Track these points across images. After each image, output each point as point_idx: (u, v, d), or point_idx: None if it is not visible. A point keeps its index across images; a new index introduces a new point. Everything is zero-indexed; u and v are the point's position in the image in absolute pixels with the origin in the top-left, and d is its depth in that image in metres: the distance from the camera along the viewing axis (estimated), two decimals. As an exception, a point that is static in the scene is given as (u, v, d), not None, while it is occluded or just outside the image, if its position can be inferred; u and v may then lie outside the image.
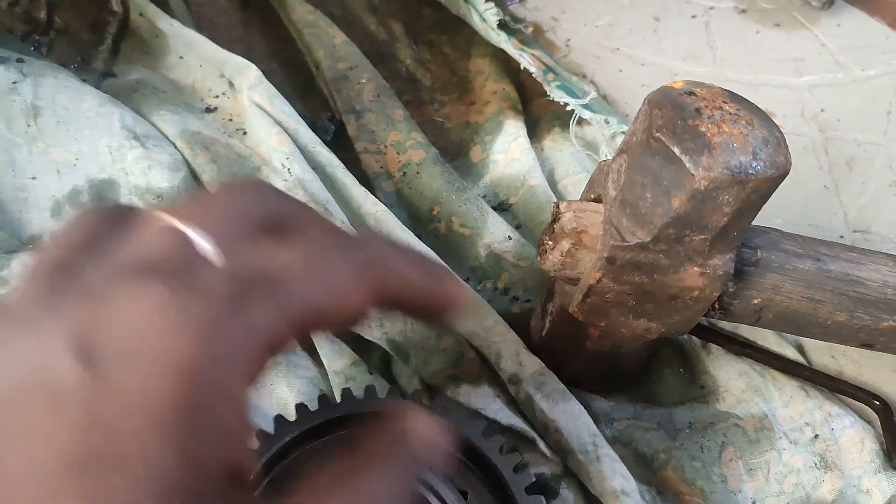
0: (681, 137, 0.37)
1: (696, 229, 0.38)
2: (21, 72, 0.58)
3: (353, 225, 0.53)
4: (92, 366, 0.20)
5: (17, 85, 0.57)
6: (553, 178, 0.62)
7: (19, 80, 0.57)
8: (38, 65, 0.59)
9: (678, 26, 0.80)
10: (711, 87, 0.40)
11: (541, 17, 0.79)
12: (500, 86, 0.68)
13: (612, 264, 0.40)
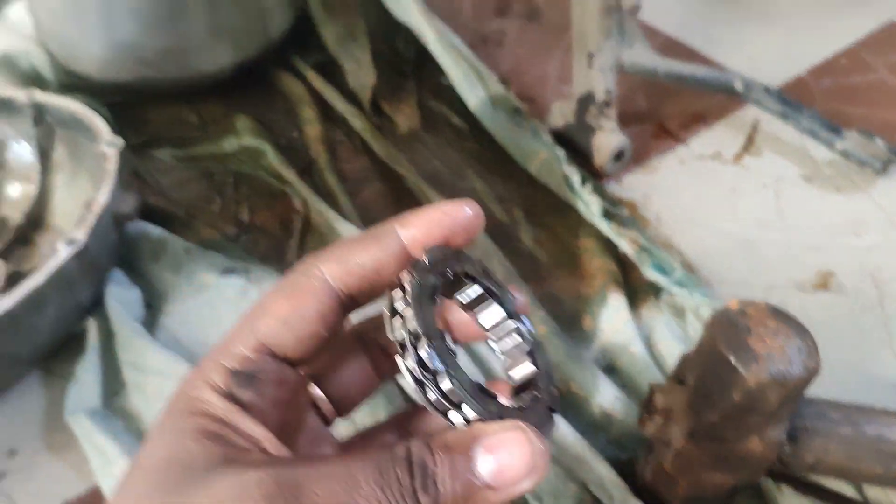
0: (736, 351, 0.52)
1: (752, 413, 0.54)
2: (248, 279, 0.79)
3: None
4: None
5: (246, 290, 0.78)
6: (650, 341, 0.78)
7: (247, 286, 0.78)
8: (259, 272, 0.81)
9: (751, 196, 0.95)
10: (759, 306, 0.56)
11: (634, 194, 0.96)
12: (604, 262, 0.85)
13: (693, 436, 0.56)
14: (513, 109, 0.99)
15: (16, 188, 0.89)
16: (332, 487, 0.26)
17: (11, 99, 0.86)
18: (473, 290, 0.36)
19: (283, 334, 0.32)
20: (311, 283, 0.33)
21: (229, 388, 0.32)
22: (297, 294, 0.33)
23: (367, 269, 0.33)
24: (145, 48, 0.98)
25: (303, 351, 0.33)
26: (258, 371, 0.32)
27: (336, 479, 0.26)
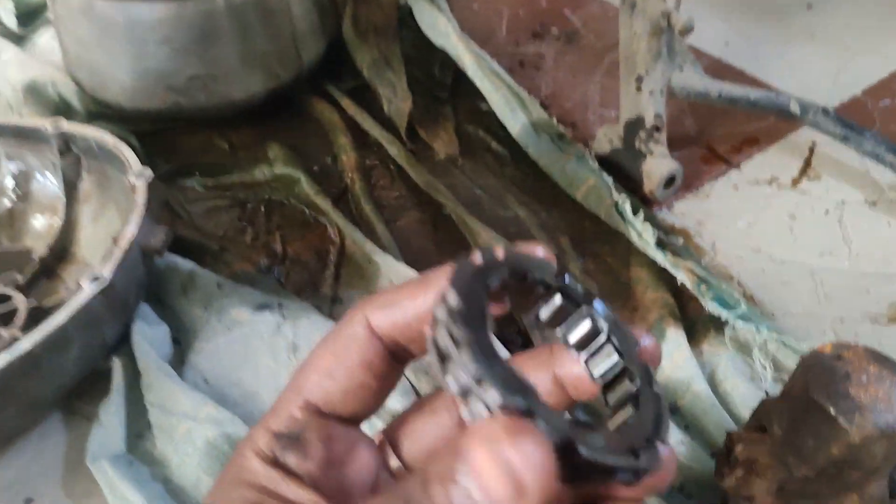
0: (834, 400, 0.47)
1: (853, 468, 0.48)
2: (282, 315, 0.74)
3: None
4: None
5: (281, 327, 0.73)
6: (714, 380, 0.72)
7: (281, 322, 0.74)
8: (294, 308, 0.76)
9: (812, 222, 0.89)
10: (856, 349, 0.50)
11: (687, 221, 0.90)
12: (659, 293, 0.79)
13: (783, 491, 0.50)
14: (557, 135, 0.94)
15: (41, 220, 0.85)
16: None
17: (37, 129, 0.83)
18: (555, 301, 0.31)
19: (327, 388, 0.30)
20: (354, 330, 0.30)
21: (273, 453, 0.30)
22: (340, 344, 0.30)
23: (415, 317, 0.30)
24: (175, 75, 0.94)
25: (352, 404, 0.30)
26: (303, 431, 0.30)
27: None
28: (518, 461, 0.20)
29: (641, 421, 0.28)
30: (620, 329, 0.32)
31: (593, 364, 0.31)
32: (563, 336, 0.32)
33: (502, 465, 0.20)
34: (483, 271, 0.28)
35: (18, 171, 0.86)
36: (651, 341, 0.33)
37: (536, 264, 0.30)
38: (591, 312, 0.32)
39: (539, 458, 0.20)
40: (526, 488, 0.20)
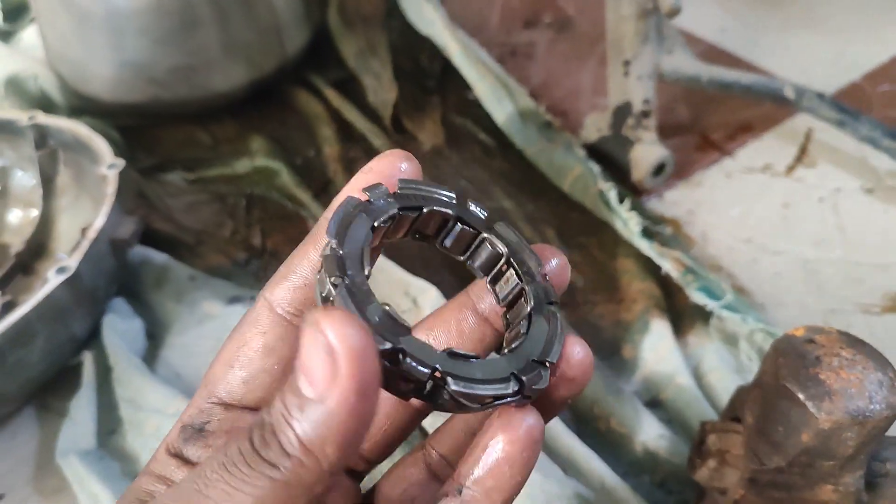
0: (804, 385, 0.45)
1: (825, 458, 0.45)
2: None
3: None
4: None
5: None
6: (698, 371, 0.70)
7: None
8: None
9: (806, 211, 0.87)
10: (829, 333, 0.48)
11: (677, 210, 0.88)
12: (646, 284, 0.77)
13: (755, 483, 0.48)
14: (543, 124, 0.92)
15: (17, 215, 0.84)
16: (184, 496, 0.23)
17: (12, 121, 0.82)
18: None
19: (229, 379, 0.28)
20: (255, 314, 0.29)
21: (177, 445, 0.28)
22: (240, 331, 0.29)
23: (310, 277, 0.28)
24: (155, 67, 0.93)
25: (256, 392, 0.28)
26: (206, 422, 0.28)
27: (185, 487, 0.23)
28: (333, 337, 0.21)
29: (532, 343, 0.28)
30: (525, 251, 0.31)
31: (498, 290, 0.31)
32: (471, 266, 0.32)
33: (319, 342, 0.21)
34: (366, 209, 0.28)
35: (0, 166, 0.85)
36: (558, 262, 0.31)
37: (435, 196, 0.30)
38: (490, 238, 0.31)
39: (354, 339, 0.21)
40: (340, 367, 0.20)
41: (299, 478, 0.22)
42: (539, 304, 0.29)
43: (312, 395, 0.21)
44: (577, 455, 0.62)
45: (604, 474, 0.60)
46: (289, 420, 0.22)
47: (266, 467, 0.22)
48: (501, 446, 0.26)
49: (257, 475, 0.22)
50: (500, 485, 0.26)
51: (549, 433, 0.63)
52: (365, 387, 0.21)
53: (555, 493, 0.57)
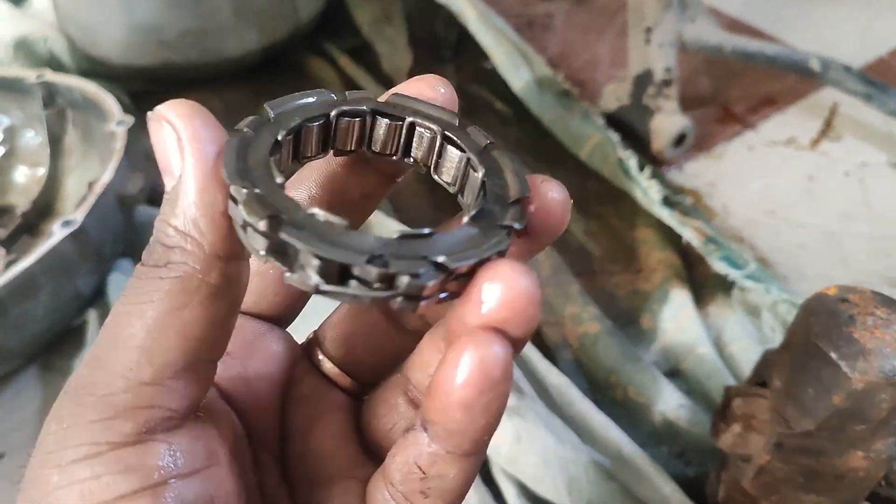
0: (837, 344, 0.42)
1: (856, 421, 0.43)
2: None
3: (537, 395, 0.61)
4: None
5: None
6: (720, 342, 0.68)
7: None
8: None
9: (831, 184, 0.84)
10: (863, 292, 0.45)
11: (698, 182, 0.86)
12: (665, 254, 0.75)
13: (781, 448, 0.46)
14: (561, 92, 0.90)
15: (24, 173, 0.83)
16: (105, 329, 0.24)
17: (20, 79, 0.80)
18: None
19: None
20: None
21: None
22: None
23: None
24: (167, 30, 0.91)
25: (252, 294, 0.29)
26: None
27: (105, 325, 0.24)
28: (174, 117, 0.23)
29: (490, 206, 0.24)
30: (458, 128, 0.27)
31: (441, 172, 0.27)
32: (420, 169, 0.28)
33: (165, 129, 0.23)
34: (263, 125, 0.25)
35: (7, 125, 0.84)
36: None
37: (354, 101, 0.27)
38: (415, 121, 0.27)
39: (192, 111, 0.23)
40: (184, 144, 0.23)
41: (188, 268, 0.23)
42: (479, 149, 0.26)
43: (172, 180, 0.23)
44: (594, 422, 0.60)
45: (621, 443, 0.58)
46: (163, 219, 0.23)
47: (155, 271, 0.23)
48: (455, 389, 0.22)
49: (150, 282, 0.23)
50: (462, 429, 0.23)
51: (563, 399, 0.61)
52: (207, 155, 0.23)
53: (570, 459, 0.55)
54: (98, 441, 0.22)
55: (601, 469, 0.56)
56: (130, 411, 0.23)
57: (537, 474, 0.55)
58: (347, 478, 0.28)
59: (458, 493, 0.25)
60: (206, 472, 0.24)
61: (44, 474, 0.23)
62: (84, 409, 0.23)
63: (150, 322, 0.23)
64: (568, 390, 0.61)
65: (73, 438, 0.23)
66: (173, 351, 0.23)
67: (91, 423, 0.23)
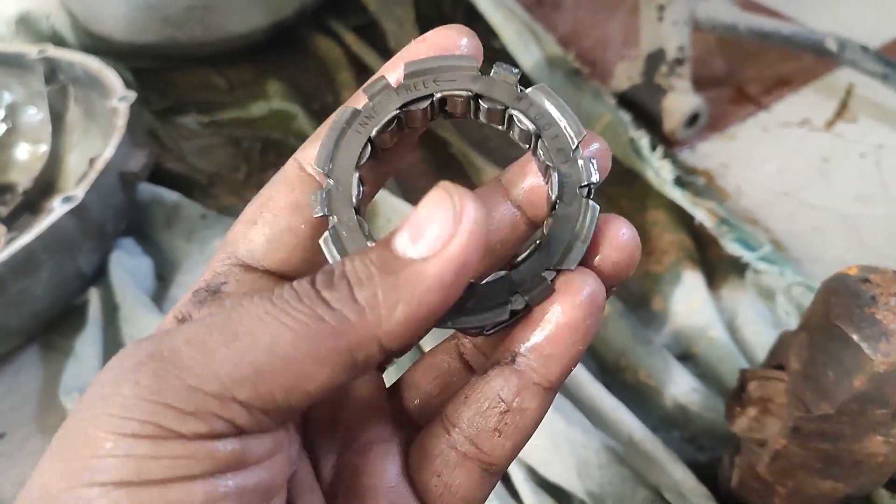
0: (858, 325, 0.41)
1: (877, 405, 0.42)
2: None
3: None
4: None
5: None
6: (733, 325, 0.67)
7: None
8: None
9: (847, 166, 0.83)
10: (885, 273, 0.44)
11: (711, 163, 0.84)
12: (677, 236, 0.74)
13: (798, 432, 0.45)
14: (571, 71, 0.88)
15: (26, 151, 0.82)
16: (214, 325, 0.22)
17: (21, 54, 0.79)
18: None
19: (251, 236, 0.26)
20: (284, 173, 0.27)
21: (185, 310, 0.26)
22: (268, 189, 0.26)
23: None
24: (170, 6, 0.90)
25: (279, 253, 0.26)
26: (223, 283, 0.26)
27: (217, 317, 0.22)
28: (460, 203, 0.22)
29: (553, 244, 0.26)
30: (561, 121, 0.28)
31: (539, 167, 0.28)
32: (513, 137, 0.29)
33: (447, 203, 0.22)
34: (362, 119, 0.26)
35: (9, 102, 0.82)
36: (598, 146, 0.29)
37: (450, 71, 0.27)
38: (516, 114, 0.28)
39: (480, 212, 0.22)
40: (461, 229, 0.21)
41: (350, 330, 0.21)
42: (566, 191, 0.26)
43: (413, 252, 0.21)
44: (604, 406, 0.58)
45: (632, 427, 0.57)
46: (369, 267, 0.22)
47: (321, 305, 0.21)
48: (563, 310, 0.24)
49: (306, 310, 0.21)
50: (559, 352, 0.25)
51: (573, 381, 0.60)
52: (470, 258, 0.21)
53: (579, 442, 0.54)
54: (167, 427, 0.21)
55: (612, 453, 0.55)
56: (208, 416, 0.21)
57: (546, 458, 0.54)
58: (384, 441, 0.28)
59: (529, 433, 0.26)
60: (269, 462, 0.23)
61: (97, 436, 0.21)
62: (167, 388, 0.21)
63: (281, 349, 0.21)
64: (578, 373, 0.60)
65: (143, 413, 0.21)
66: (279, 389, 0.22)
67: (167, 408, 0.21)
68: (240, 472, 0.22)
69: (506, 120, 0.28)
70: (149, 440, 0.21)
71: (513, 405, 0.25)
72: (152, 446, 0.21)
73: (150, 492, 0.21)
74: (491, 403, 0.26)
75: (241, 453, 0.22)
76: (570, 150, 0.27)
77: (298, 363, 0.22)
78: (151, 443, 0.21)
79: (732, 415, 0.49)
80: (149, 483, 0.21)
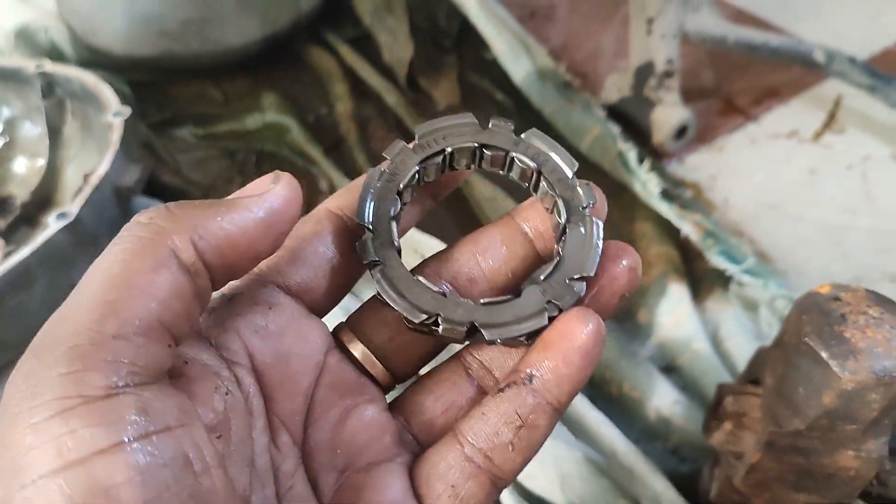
0: (828, 343, 0.42)
1: (847, 421, 0.43)
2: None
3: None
4: None
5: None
6: (717, 338, 0.68)
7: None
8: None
9: (834, 178, 0.84)
10: (856, 291, 0.45)
11: (699, 175, 0.85)
12: (663, 248, 0.75)
13: (772, 447, 0.46)
14: (562, 83, 0.89)
15: (23, 164, 0.83)
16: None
17: (19, 69, 0.80)
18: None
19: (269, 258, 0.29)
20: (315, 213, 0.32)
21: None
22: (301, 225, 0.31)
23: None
24: (168, 20, 0.91)
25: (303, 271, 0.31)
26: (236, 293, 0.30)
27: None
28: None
29: (568, 260, 0.29)
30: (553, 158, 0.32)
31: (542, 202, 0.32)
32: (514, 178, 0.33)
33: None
34: (389, 177, 0.31)
35: (8, 116, 0.84)
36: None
37: (455, 130, 0.32)
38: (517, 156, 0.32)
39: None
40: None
41: (166, 233, 0.25)
42: (572, 212, 0.30)
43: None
44: (588, 419, 0.59)
45: (615, 439, 0.58)
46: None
47: (139, 227, 0.25)
48: (578, 335, 0.27)
49: (128, 234, 0.25)
50: (572, 374, 0.28)
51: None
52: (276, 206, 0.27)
53: (563, 456, 0.55)
54: (70, 395, 0.22)
55: (594, 466, 0.56)
56: (99, 363, 0.22)
57: (530, 470, 0.55)
58: (388, 461, 0.30)
59: (536, 450, 0.29)
60: (180, 431, 0.24)
61: (15, 435, 0.22)
62: (52, 363, 0.22)
63: (120, 275, 0.24)
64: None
65: (44, 394, 0.22)
66: (137, 308, 0.24)
67: (61, 377, 0.22)
68: (151, 438, 0.23)
69: (507, 163, 0.32)
70: (58, 417, 0.22)
71: (528, 421, 0.28)
72: (64, 422, 0.22)
73: (76, 473, 0.21)
74: (508, 419, 0.28)
75: (145, 412, 0.23)
76: (568, 179, 0.31)
77: (139, 279, 0.24)
78: (62, 418, 0.22)
79: (710, 428, 0.50)
80: (73, 464, 0.21)
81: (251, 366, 0.28)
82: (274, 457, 0.28)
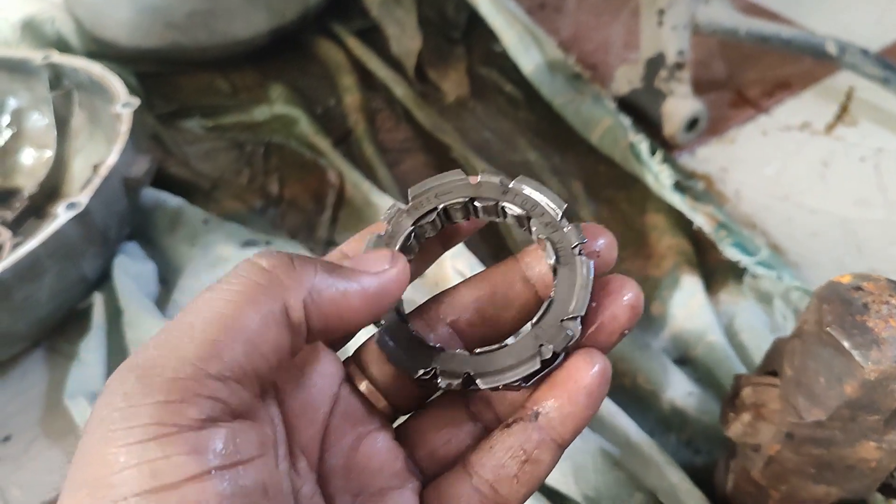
0: (850, 332, 0.42)
1: (869, 411, 0.43)
2: (272, 251, 0.71)
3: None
4: None
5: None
6: (731, 330, 0.67)
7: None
8: (282, 245, 0.72)
9: (847, 170, 0.83)
10: (878, 280, 0.44)
11: (710, 167, 0.85)
12: (676, 240, 0.74)
13: (791, 438, 0.45)
14: (572, 75, 0.89)
15: (31, 155, 0.83)
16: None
17: (26, 60, 0.80)
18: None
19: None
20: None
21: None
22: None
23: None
24: (174, 11, 0.91)
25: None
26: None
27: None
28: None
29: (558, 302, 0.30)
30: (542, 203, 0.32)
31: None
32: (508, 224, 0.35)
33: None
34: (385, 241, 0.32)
35: (14, 108, 0.83)
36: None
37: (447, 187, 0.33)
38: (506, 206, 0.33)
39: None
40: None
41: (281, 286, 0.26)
42: (561, 253, 0.31)
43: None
44: (602, 410, 0.59)
45: (629, 431, 0.57)
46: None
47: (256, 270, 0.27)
48: (584, 375, 0.29)
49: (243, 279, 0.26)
50: (577, 412, 0.29)
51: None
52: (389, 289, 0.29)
53: (576, 447, 0.55)
54: (166, 422, 0.23)
55: (608, 457, 0.55)
56: (196, 398, 0.24)
57: (543, 462, 0.55)
58: (400, 488, 0.31)
59: (540, 483, 0.30)
60: (260, 461, 0.25)
61: (109, 453, 0.23)
62: (152, 388, 0.24)
63: (229, 319, 0.25)
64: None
65: (141, 417, 0.23)
66: (239, 355, 0.25)
67: (159, 405, 0.23)
68: (238, 468, 0.24)
69: (499, 211, 0.33)
70: (154, 442, 0.23)
71: (532, 456, 0.29)
72: (159, 446, 0.23)
73: (168, 496, 0.22)
74: (514, 453, 0.30)
75: (233, 443, 0.24)
76: (556, 221, 0.32)
77: (247, 326, 0.25)
78: (157, 443, 0.23)
79: (727, 420, 0.50)
80: (166, 487, 0.22)
81: (276, 397, 0.30)
82: (294, 481, 0.29)
